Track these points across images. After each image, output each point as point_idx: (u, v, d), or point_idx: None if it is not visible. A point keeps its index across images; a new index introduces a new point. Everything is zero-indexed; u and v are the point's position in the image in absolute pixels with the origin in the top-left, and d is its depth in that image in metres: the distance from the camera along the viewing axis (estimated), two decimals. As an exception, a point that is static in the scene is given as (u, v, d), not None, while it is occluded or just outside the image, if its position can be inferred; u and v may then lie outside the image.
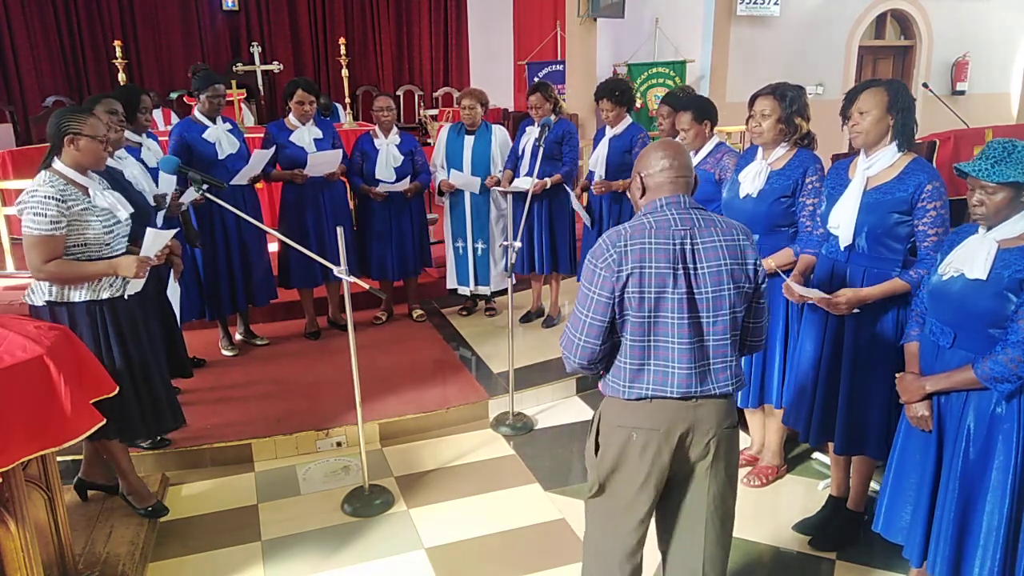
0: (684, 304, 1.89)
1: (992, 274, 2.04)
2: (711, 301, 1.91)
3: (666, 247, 1.90)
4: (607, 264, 1.91)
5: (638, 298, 1.90)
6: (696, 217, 1.95)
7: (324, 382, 4.17)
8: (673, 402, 1.95)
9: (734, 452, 2.05)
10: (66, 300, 2.69)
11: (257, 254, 4.46)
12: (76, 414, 2.21)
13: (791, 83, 2.88)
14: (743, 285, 1.94)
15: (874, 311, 2.56)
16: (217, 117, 4.27)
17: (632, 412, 1.98)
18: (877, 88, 2.47)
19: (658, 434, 1.95)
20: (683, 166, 1.99)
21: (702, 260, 1.90)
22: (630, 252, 1.90)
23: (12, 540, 2.17)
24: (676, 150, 2.01)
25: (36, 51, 9.74)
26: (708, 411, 1.96)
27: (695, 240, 1.91)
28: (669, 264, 1.89)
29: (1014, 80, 9.93)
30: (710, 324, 1.92)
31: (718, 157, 3.39)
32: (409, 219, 4.89)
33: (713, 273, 1.90)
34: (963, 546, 2.16)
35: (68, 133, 2.65)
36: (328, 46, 10.96)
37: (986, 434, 2.09)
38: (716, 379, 1.96)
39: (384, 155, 4.72)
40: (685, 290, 1.89)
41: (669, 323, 1.91)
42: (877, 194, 2.50)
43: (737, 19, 8.15)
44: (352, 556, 2.89)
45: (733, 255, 1.93)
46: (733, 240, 1.94)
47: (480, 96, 4.89)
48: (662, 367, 1.94)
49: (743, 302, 1.96)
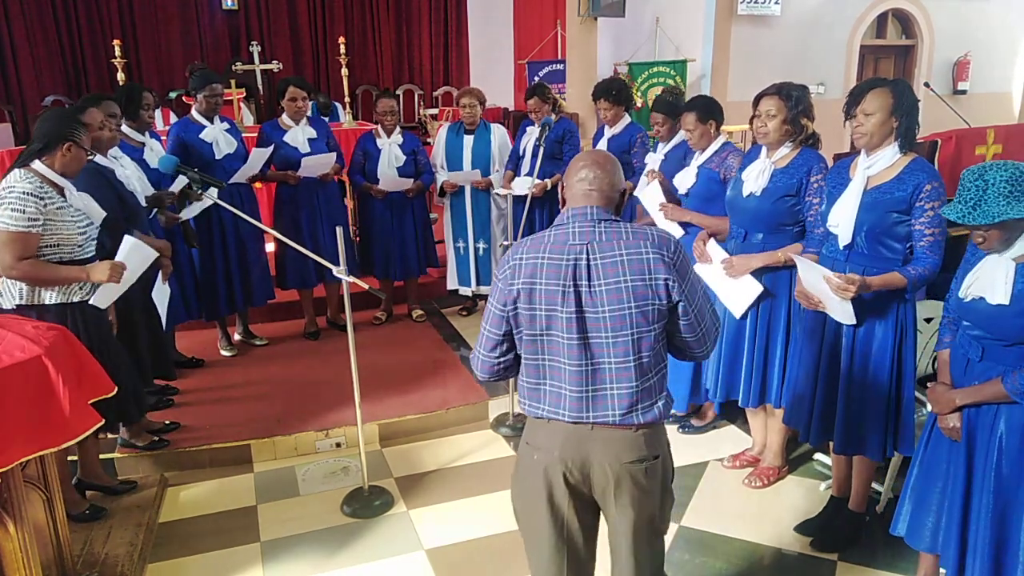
0: (574, 323, 1.77)
1: (1016, 293, 2.00)
2: (608, 320, 1.76)
3: (558, 263, 1.78)
4: (504, 276, 1.84)
5: (528, 315, 1.81)
6: (599, 231, 1.79)
7: (323, 382, 4.16)
8: (566, 425, 1.83)
9: (646, 493, 1.85)
10: (38, 303, 2.67)
11: (255, 254, 4.46)
12: (75, 414, 2.20)
13: (795, 83, 2.86)
14: (649, 303, 1.77)
15: (873, 311, 2.56)
16: (215, 117, 4.26)
17: (534, 431, 1.91)
18: (882, 90, 2.44)
19: (553, 457, 1.84)
20: (599, 178, 1.84)
21: (599, 277, 1.76)
22: (523, 266, 1.81)
23: (11, 541, 2.16)
24: (599, 160, 1.89)
25: (36, 51, 9.73)
26: (605, 442, 1.82)
27: (592, 255, 1.77)
28: (559, 281, 1.77)
29: (1015, 79, 9.92)
30: (608, 345, 1.78)
31: (723, 156, 3.37)
32: (412, 219, 4.88)
33: (611, 291, 1.76)
34: (1001, 561, 2.13)
35: (70, 140, 2.65)
36: (328, 45, 10.96)
37: (1019, 446, 2.06)
38: (615, 406, 1.80)
39: (386, 155, 4.72)
40: (574, 309, 1.77)
41: (560, 342, 1.80)
42: (876, 193, 2.49)
43: (738, 18, 8.14)
44: (352, 557, 2.88)
45: (637, 269, 1.76)
46: (639, 253, 1.77)
47: (479, 95, 4.89)
48: (555, 388, 1.84)
49: (651, 322, 1.78)
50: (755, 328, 3.02)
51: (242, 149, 4.38)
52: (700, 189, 3.41)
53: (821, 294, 2.55)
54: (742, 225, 3.01)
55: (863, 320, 2.56)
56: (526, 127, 4.83)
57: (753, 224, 2.97)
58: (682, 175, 3.51)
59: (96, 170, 3.13)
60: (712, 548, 2.89)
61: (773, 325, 3.00)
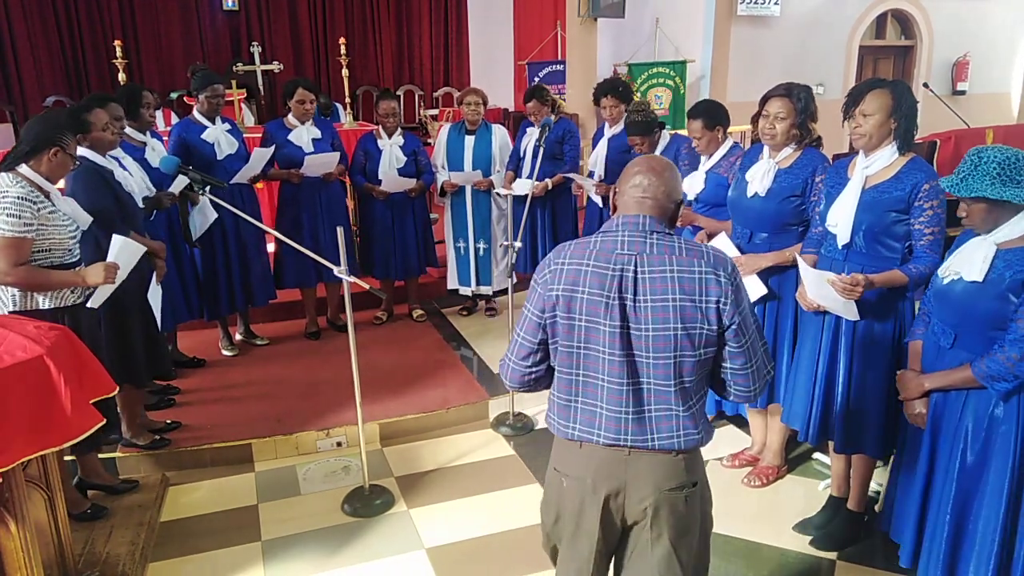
0: (617, 339, 1.66)
1: (993, 275, 2.05)
2: (651, 340, 1.65)
3: (603, 271, 1.67)
4: (543, 280, 1.74)
5: (567, 325, 1.70)
6: (651, 242, 1.68)
7: (324, 382, 4.17)
8: (602, 449, 1.72)
9: (682, 519, 1.74)
10: (31, 308, 2.65)
11: (255, 254, 4.47)
12: (76, 414, 2.21)
13: (800, 83, 2.86)
14: (697, 326, 1.65)
15: (873, 310, 2.57)
16: (216, 117, 4.27)
17: (564, 454, 1.80)
18: (882, 91, 2.45)
19: (585, 485, 1.74)
20: (653, 185, 1.73)
21: (644, 292, 1.65)
22: (565, 271, 1.70)
23: (12, 540, 2.17)
24: (656, 167, 1.76)
25: (36, 51, 9.74)
26: (644, 468, 1.71)
27: (640, 267, 1.66)
28: (602, 292, 1.66)
29: (1014, 80, 9.93)
30: (649, 365, 1.67)
31: (732, 160, 3.34)
32: (412, 219, 4.89)
33: (656, 308, 1.64)
34: (958, 549, 2.16)
35: (57, 145, 2.62)
36: (328, 46, 10.96)
37: (984, 436, 2.10)
38: (655, 429, 1.70)
39: (387, 156, 4.73)
40: (619, 323, 1.65)
41: (599, 358, 1.69)
42: (875, 193, 2.50)
43: (738, 19, 8.15)
44: (352, 556, 2.89)
45: (687, 289, 1.64)
46: (691, 271, 1.65)
47: (482, 95, 4.91)
48: (590, 406, 1.73)
49: (697, 346, 1.66)
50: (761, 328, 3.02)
51: (243, 150, 4.38)
52: (709, 194, 3.38)
53: (826, 299, 2.56)
54: (746, 226, 3.02)
55: (863, 319, 2.57)
56: (526, 128, 4.84)
57: (758, 224, 2.97)
58: (689, 180, 3.49)
59: (94, 170, 3.12)
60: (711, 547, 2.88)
61: (780, 325, 3.01)
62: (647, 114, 3.81)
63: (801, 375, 2.78)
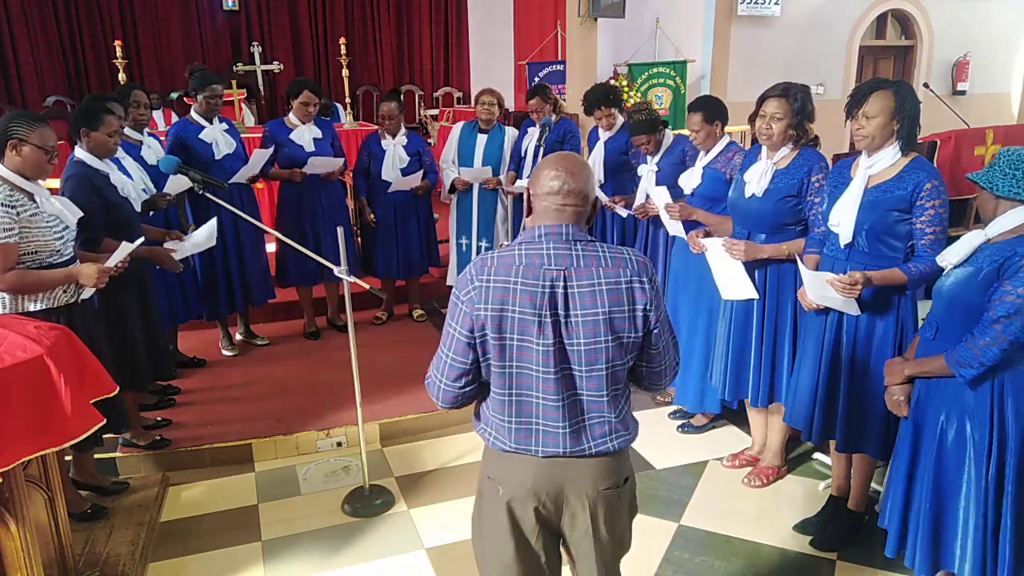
0: (552, 356, 1.64)
1: (972, 266, 2.09)
2: (583, 353, 1.64)
3: (533, 289, 1.62)
4: (468, 299, 1.66)
5: (497, 345, 1.65)
6: (577, 254, 1.65)
7: (324, 382, 4.17)
8: (540, 460, 1.72)
9: (617, 514, 1.80)
10: (22, 311, 2.63)
11: (255, 254, 4.46)
12: (76, 414, 2.21)
13: (798, 83, 2.86)
14: (626, 335, 1.66)
15: (874, 309, 2.57)
16: (214, 117, 4.26)
17: (499, 464, 1.77)
18: (885, 92, 2.45)
19: (523, 491, 1.73)
20: (573, 192, 1.66)
21: (576, 307, 1.62)
22: (491, 289, 1.64)
23: (12, 540, 2.17)
24: (573, 170, 1.68)
25: (36, 51, 9.74)
26: (581, 472, 1.72)
27: (570, 282, 1.62)
28: (534, 310, 1.62)
29: (1015, 80, 9.93)
30: (582, 378, 1.67)
31: (729, 156, 3.37)
32: (416, 219, 4.89)
33: (588, 323, 1.63)
34: (940, 539, 2.19)
35: (12, 138, 2.57)
36: (328, 46, 10.97)
37: (957, 425, 2.14)
38: (591, 437, 1.71)
39: (391, 156, 4.73)
40: (552, 340, 1.63)
41: (535, 376, 1.66)
42: (877, 192, 2.50)
43: (738, 19, 8.14)
44: (352, 556, 2.89)
45: (615, 300, 1.64)
46: (618, 281, 1.64)
47: (499, 97, 4.91)
48: (526, 424, 1.71)
49: (625, 353, 1.68)
50: (762, 327, 3.03)
51: (241, 149, 4.38)
52: (705, 189, 3.41)
53: (827, 299, 2.56)
54: (745, 226, 3.02)
55: (864, 317, 2.58)
56: (527, 128, 4.83)
57: (756, 224, 2.97)
58: (687, 175, 3.51)
59: (84, 176, 3.08)
60: (711, 547, 2.89)
61: (780, 323, 3.01)
62: (649, 113, 3.81)
63: (804, 375, 2.79)
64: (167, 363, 3.57)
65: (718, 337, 3.23)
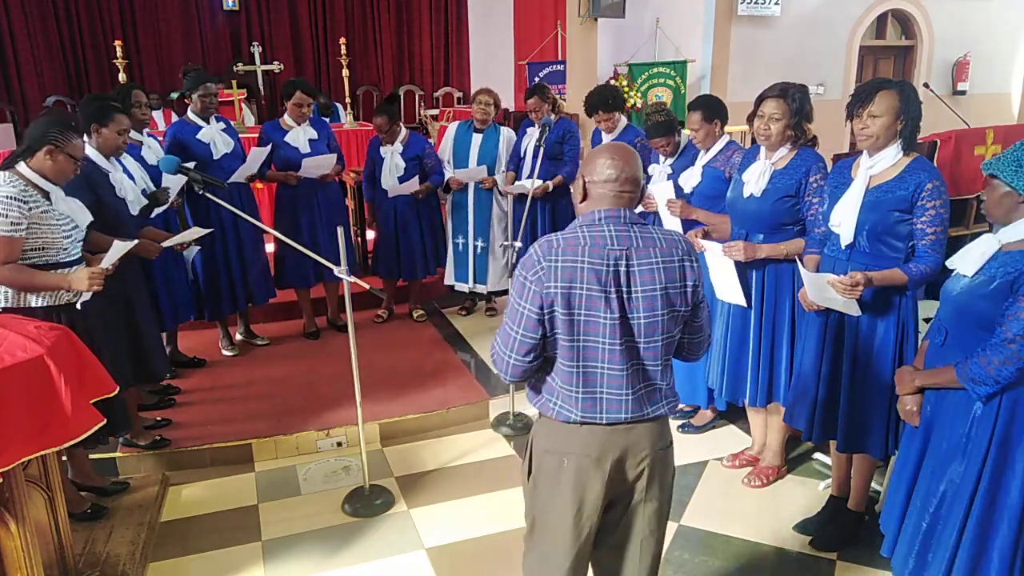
0: (617, 329, 1.76)
1: (985, 275, 2.05)
2: (643, 327, 1.78)
3: (599, 267, 1.75)
4: (536, 278, 1.76)
5: (566, 321, 1.76)
6: (635, 235, 1.79)
7: (324, 382, 4.17)
8: (604, 427, 1.84)
9: (668, 471, 1.95)
10: (24, 306, 2.66)
11: (254, 253, 4.46)
12: (77, 414, 2.21)
13: (796, 83, 2.86)
14: (679, 309, 1.82)
15: (875, 309, 2.57)
16: (211, 117, 4.26)
17: (562, 436, 1.87)
18: (889, 92, 2.44)
19: (590, 460, 1.84)
20: (629, 179, 1.82)
21: (637, 283, 1.76)
22: (560, 268, 1.75)
23: (12, 540, 2.17)
24: (626, 159, 1.83)
25: (36, 51, 9.74)
26: (641, 435, 1.86)
27: (631, 261, 1.76)
28: (601, 287, 1.74)
29: (1015, 80, 9.93)
30: (642, 349, 1.81)
31: (728, 155, 3.37)
32: (418, 221, 4.90)
33: (648, 297, 1.77)
34: (927, 546, 2.19)
35: (50, 144, 2.62)
36: (328, 46, 10.97)
37: (966, 436, 2.10)
38: (649, 403, 1.86)
39: (388, 164, 4.74)
40: (619, 314, 1.76)
41: (601, 348, 1.78)
42: (878, 192, 2.50)
43: (738, 19, 8.14)
44: (352, 556, 2.89)
45: (671, 277, 1.79)
46: (672, 260, 1.80)
47: (495, 96, 4.92)
48: (591, 393, 1.82)
49: (677, 325, 1.85)
50: (760, 327, 3.03)
51: (239, 149, 4.37)
52: (705, 188, 3.41)
53: (828, 300, 2.56)
54: (743, 226, 3.02)
55: (865, 317, 2.58)
56: (526, 128, 4.83)
57: (754, 225, 2.98)
58: (687, 174, 3.51)
59: (84, 173, 3.04)
60: (711, 547, 2.89)
61: (778, 322, 3.01)
62: (668, 113, 3.78)
63: (804, 375, 2.79)
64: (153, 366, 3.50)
65: (716, 337, 3.23)
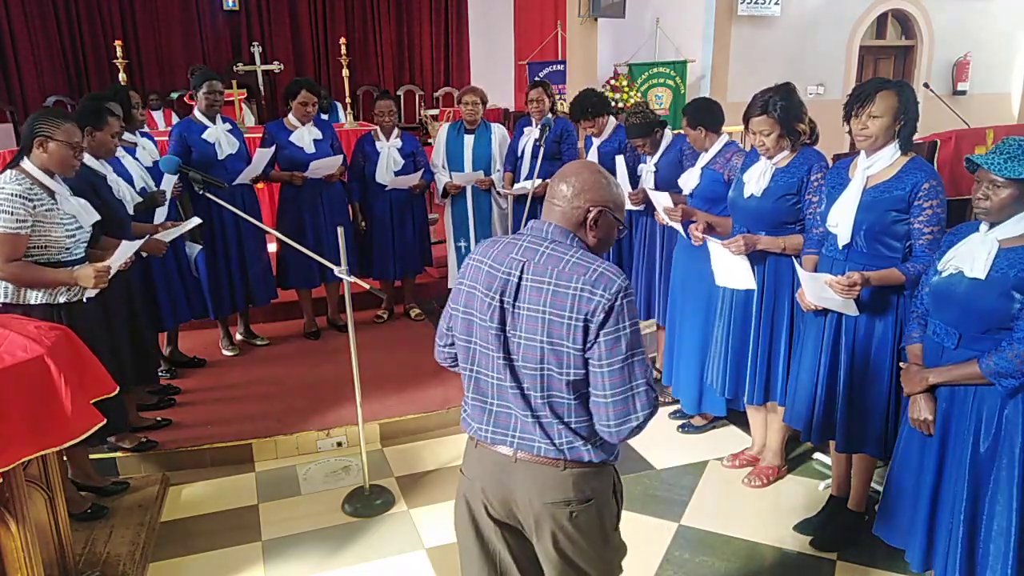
0: (500, 341, 1.65)
1: (997, 274, 2.04)
2: (522, 347, 1.63)
3: (494, 273, 1.66)
4: (460, 271, 1.76)
5: (463, 320, 1.71)
6: (544, 251, 1.64)
7: (324, 382, 4.17)
8: (490, 452, 1.71)
9: (573, 541, 1.67)
10: (22, 302, 2.67)
11: (256, 254, 4.46)
12: (77, 414, 2.21)
13: (777, 86, 2.84)
14: (562, 343, 1.58)
15: (873, 308, 2.57)
16: (216, 117, 4.26)
17: (466, 454, 1.80)
18: (889, 92, 2.44)
19: (475, 487, 1.74)
20: (562, 194, 1.67)
21: (523, 299, 1.62)
22: (470, 266, 1.72)
23: (13, 540, 2.17)
24: (571, 172, 1.71)
25: (37, 51, 9.75)
26: (527, 474, 1.66)
27: (524, 274, 1.63)
28: (489, 292, 1.66)
29: (1015, 80, 9.93)
30: (524, 371, 1.65)
31: (727, 157, 3.38)
32: (411, 219, 4.90)
33: (528, 317, 1.61)
34: (974, 551, 2.15)
35: (39, 135, 2.64)
36: (329, 46, 10.97)
37: (994, 434, 2.08)
38: (538, 434, 1.65)
39: (385, 158, 4.72)
40: (498, 325, 1.64)
41: (488, 355, 1.68)
42: (875, 192, 2.50)
43: (738, 19, 8.15)
44: (353, 556, 2.89)
45: (558, 303, 1.58)
46: (568, 288, 1.58)
47: (481, 94, 4.90)
48: (480, 402, 1.73)
49: (563, 365, 1.60)
50: (759, 324, 3.03)
51: (244, 150, 4.38)
52: (704, 190, 3.43)
53: (826, 301, 2.56)
54: (744, 225, 3.02)
55: (864, 317, 2.58)
56: (523, 127, 4.83)
57: (755, 223, 2.98)
58: (686, 176, 3.52)
59: (82, 175, 3.05)
60: (711, 547, 2.89)
61: (777, 319, 3.01)
62: (645, 115, 3.81)
63: (803, 375, 2.79)
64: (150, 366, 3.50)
65: (716, 335, 3.23)
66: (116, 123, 3.24)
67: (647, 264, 4.08)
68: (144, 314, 3.43)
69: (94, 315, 2.86)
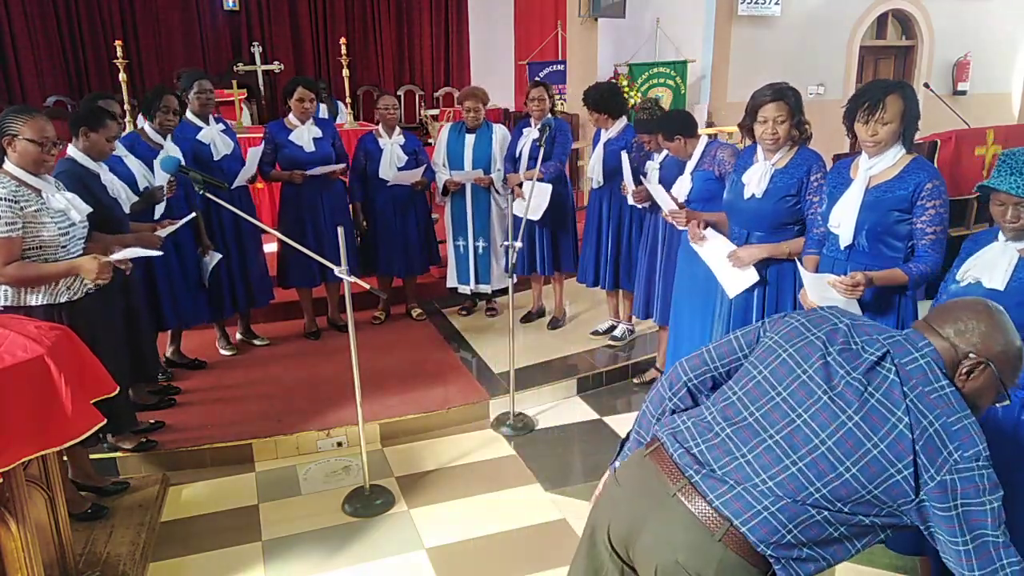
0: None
1: (1016, 284, 2.03)
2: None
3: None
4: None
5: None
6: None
7: (324, 382, 4.17)
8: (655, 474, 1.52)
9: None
10: (23, 304, 2.65)
11: (254, 255, 4.46)
12: (77, 414, 2.21)
13: (782, 83, 2.86)
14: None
15: (875, 309, 2.57)
16: (210, 117, 4.25)
17: (627, 458, 1.73)
18: (896, 96, 2.42)
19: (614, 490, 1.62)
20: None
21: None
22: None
23: (13, 540, 2.17)
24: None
25: (37, 51, 9.75)
26: (668, 521, 1.42)
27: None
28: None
29: (1015, 80, 9.93)
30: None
31: (712, 154, 3.44)
32: (414, 215, 4.90)
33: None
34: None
35: (6, 135, 2.59)
36: (329, 46, 10.97)
37: (1012, 439, 2.07)
38: (722, 495, 1.43)
39: (388, 154, 4.72)
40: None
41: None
42: (878, 192, 2.50)
43: (738, 19, 8.15)
44: (353, 556, 2.89)
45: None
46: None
47: (482, 96, 4.89)
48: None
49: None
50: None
51: (238, 150, 4.37)
52: (698, 192, 3.47)
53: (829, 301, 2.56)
54: (743, 226, 3.02)
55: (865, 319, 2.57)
56: (522, 128, 4.82)
57: (755, 225, 2.98)
58: (678, 184, 3.57)
59: (75, 174, 3.08)
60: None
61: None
62: (653, 112, 3.84)
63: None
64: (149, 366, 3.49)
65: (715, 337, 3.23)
66: (114, 125, 3.22)
67: (647, 264, 4.09)
68: (145, 313, 3.43)
69: (94, 314, 2.85)
